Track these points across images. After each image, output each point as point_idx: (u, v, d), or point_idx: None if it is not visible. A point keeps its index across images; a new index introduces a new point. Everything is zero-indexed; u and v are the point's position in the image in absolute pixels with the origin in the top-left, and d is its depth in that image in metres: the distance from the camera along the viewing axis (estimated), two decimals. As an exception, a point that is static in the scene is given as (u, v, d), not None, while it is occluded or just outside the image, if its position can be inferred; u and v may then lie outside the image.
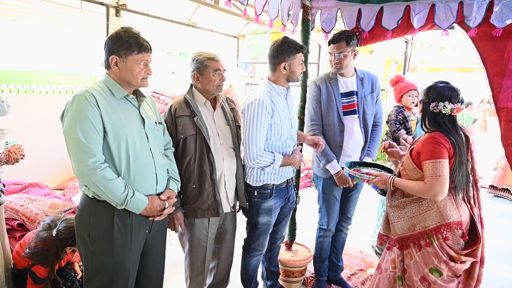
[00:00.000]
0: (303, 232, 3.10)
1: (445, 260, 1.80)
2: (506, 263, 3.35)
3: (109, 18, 4.65)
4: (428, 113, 1.87)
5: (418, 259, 1.86)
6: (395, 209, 1.95)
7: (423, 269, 1.84)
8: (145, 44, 1.63)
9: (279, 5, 2.49)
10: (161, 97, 4.59)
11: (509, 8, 2.08)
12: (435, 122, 1.85)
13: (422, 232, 1.84)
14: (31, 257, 2.18)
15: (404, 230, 1.91)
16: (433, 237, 1.82)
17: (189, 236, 2.13)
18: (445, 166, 1.75)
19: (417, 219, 1.87)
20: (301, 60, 2.12)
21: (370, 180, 1.99)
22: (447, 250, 1.81)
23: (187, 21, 6.11)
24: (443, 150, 1.76)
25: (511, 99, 2.21)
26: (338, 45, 2.35)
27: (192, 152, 2.00)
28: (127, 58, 1.61)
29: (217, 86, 2.04)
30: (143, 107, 1.74)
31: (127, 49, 1.59)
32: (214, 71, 2.00)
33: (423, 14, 2.35)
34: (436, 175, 1.74)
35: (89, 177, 1.52)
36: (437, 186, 1.74)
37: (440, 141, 1.78)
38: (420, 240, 1.86)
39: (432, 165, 1.76)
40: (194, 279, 2.20)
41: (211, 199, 2.04)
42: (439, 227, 1.81)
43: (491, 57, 2.23)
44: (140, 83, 1.67)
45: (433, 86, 1.87)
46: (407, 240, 1.91)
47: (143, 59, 1.63)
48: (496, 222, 4.36)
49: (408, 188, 1.87)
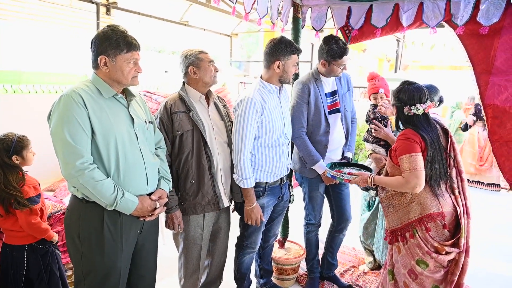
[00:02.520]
0: (295, 230, 3.12)
1: (428, 251, 1.86)
2: (490, 254, 3.39)
3: (100, 16, 4.62)
4: (401, 116, 1.96)
5: (405, 252, 1.93)
6: (385, 203, 2.03)
7: (410, 261, 1.91)
8: (134, 42, 1.62)
9: (268, 3, 2.49)
10: (153, 96, 4.56)
11: (495, 7, 2.11)
12: (407, 122, 1.94)
13: (407, 224, 1.92)
14: None
15: (394, 223, 1.99)
16: (416, 228, 1.89)
17: (184, 234, 2.13)
18: (419, 159, 1.83)
19: (402, 212, 1.95)
20: (295, 62, 2.14)
21: (352, 180, 2.08)
22: (430, 241, 1.87)
23: (179, 19, 6.09)
24: (414, 145, 1.85)
25: (497, 96, 2.24)
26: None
27: (190, 147, 2.01)
28: (116, 57, 1.59)
29: (213, 77, 2.08)
30: (132, 106, 1.73)
31: (116, 48, 1.57)
32: (209, 62, 2.04)
33: (411, 12, 2.37)
34: (411, 168, 1.82)
35: (77, 179, 1.50)
36: (413, 179, 1.81)
37: (410, 137, 1.87)
38: (406, 232, 1.93)
39: (406, 159, 1.84)
40: (188, 277, 2.20)
41: (211, 193, 2.05)
42: (421, 218, 1.89)
43: (477, 55, 2.26)
44: (131, 82, 1.66)
45: (402, 89, 1.94)
46: (396, 233, 1.98)
47: (133, 57, 1.62)
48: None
49: (387, 184, 1.96)
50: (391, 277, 2.01)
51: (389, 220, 2.02)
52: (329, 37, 2.32)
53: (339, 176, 2.11)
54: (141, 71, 1.68)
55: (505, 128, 2.27)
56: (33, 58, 3.87)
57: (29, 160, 2.11)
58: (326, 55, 2.30)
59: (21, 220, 2.03)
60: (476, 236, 3.81)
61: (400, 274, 1.96)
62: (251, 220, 2.17)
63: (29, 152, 2.11)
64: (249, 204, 2.14)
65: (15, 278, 2.11)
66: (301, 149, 2.43)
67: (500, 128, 2.29)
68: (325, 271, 2.85)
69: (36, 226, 2.05)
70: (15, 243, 2.11)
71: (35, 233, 2.09)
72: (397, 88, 1.97)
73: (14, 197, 1.98)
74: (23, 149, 2.07)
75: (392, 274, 2.02)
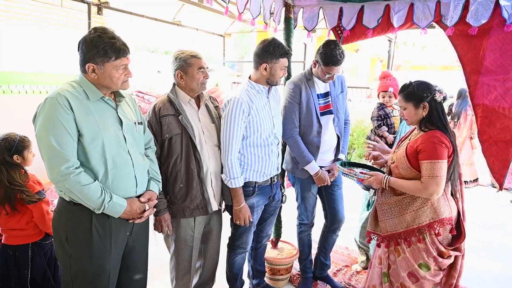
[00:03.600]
0: (288, 230, 3.12)
1: (435, 256, 1.84)
2: (479, 253, 3.43)
3: (91, 16, 4.59)
4: (434, 109, 1.85)
5: (408, 255, 1.88)
6: (386, 207, 1.97)
7: (412, 264, 1.87)
8: (123, 48, 1.57)
9: (261, 3, 2.49)
10: (145, 97, 4.54)
11: (484, 8, 2.13)
12: (439, 119, 1.85)
13: (415, 229, 1.86)
14: None
15: (396, 227, 1.93)
16: (425, 233, 1.84)
17: (175, 236, 2.12)
18: (444, 167, 1.77)
19: (410, 216, 1.88)
20: (284, 66, 2.12)
21: (365, 180, 2.00)
22: (437, 245, 1.85)
23: (172, 19, 6.07)
24: (444, 150, 1.77)
25: (486, 95, 2.26)
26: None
27: (178, 151, 1.99)
28: (105, 65, 1.55)
29: (201, 84, 2.03)
30: (121, 107, 1.70)
31: (104, 56, 1.53)
32: (198, 69, 1.99)
33: (402, 13, 2.39)
34: (433, 175, 1.76)
35: (63, 183, 1.48)
36: (433, 186, 1.76)
37: (442, 141, 1.78)
38: (412, 236, 1.88)
39: (430, 165, 1.76)
40: (180, 279, 2.19)
41: (200, 197, 2.03)
42: (432, 223, 1.84)
43: (467, 55, 2.28)
44: (121, 87, 1.64)
45: (420, 85, 1.86)
46: (397, 237, 1.92)
47: (122, 63, 1.58)
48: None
49: (403, 187, 1.87)
50: (386, 279, 1.99)
51: (389, 224, 1.94)
52: (329, 42, 2.30)
53: (351, 175, 2.04)
54: (131, 75, 1.64)
55: (494, 128, 2.30)
56: (24, 58, 3.83)
57: (29, 160, 2.13)
58: (319, 56, 2.31)
59: (37, 214, 2.07)
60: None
61: (397, 276, 1.93)
62: (239, 220, 2.17)
63: (29, 153, 2.13)
64: (237, 204, 2.14)
65: (20, 278, 2.12)
66: (293, 149, 2.43)
67: (489, 128, 2.31)
68: (318, 271, 2.86)
69: (50, 217, 2.06)
70: (17, 243, 2.12)
71: (48, 226, 2.10)
72: (409, 90, 1.88)
73: (23, 193, 2.02)
74: (24, 149, 2.10)
75: (387, 276, 1.99)
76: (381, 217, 1.99)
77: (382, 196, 1.99)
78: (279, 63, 2.09)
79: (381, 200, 1.99)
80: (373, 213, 2.08)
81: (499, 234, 3.87)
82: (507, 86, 2.23)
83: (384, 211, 1.97)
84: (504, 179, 2.35)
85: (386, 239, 1.97)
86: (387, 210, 1.96)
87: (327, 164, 2.54)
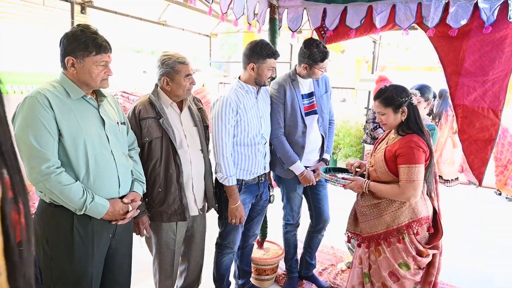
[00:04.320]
0: (274, 230, 3.13)
1: (414, 255, 1.87)
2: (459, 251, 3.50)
3: (74, 15, 4.51)
4: (411, 113, 1.86)
5: (388, 254, 1.91)
6: (365, 209, 2.00)
7: (393, 264, 1.90)
8: (104, 45, 1.55)
9: (244, 4, 2.50)
10: (130, 97, 4.49)
11: (463, 10, 2.18)
12: (416, 122, 1.86)
13: (394, 229, 1.89)
14: None
15: (376, 229, 1.96)
16: (404, 233, 1.87)
17: (157, 239, 2.09)
18: (421, 171, 1.79)
19: (389, 217, 1.90)
20: (271, 66, 2.13)
21: (347, 185, 2.05)
22: (416, 244, 1.88)
23: (157, 19, 6.01)
24: (422, 155, 1.80)
25: (466, 96, 2.32)
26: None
27: (158, 155, 1.94)
28: (84, 59, 1.53)
29: (187, 90, 1.99)
30: (103, 107, 1.68)
31: (84, 50, 1.51)
32: (186, 76, 1.93)
33: (384, 14, 2.42)
34: (411, 180, 1.78)
35: (43, 183, 1.45)
36: (410, 190, 1.79)
37: (420, 145, 1.80)
38: (391, 237, 1.90)
39: (408, 170, 1.79)
40: (162, 283, 2.16)
41: (178, 203, 2.00)
42: (410, 223, 1.87)
43: (447, 56, 2.33)
44: (100, 85, 1.60)
45: (396, 89, 1.87)
46: (377, 238, 1.95)
47: (102, 60, 1.56)
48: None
49: (382, 191, 1.91)
50: (368, 279, 2.01)
51: (369, 226, 1.98)
52: (310, 41, 2.33)
53: (333, 181, 2.10)
54: (111, 73, 1.62)
55: (474, 128, 2.35)
56: (4, 57, 3.74)
57: None
58: (308, 59, 2.32)
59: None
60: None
61: (378, 276, 1.96)
62: (235, 218, 2.18)
63: None
64: (234, 202, 2.15)
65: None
66: (278, 149, 2.44)
67: (469, 128, 2.37)
68: (304, 270, 2.87)
69: None
70: None
71: None
72: (387, 95, 1.87)
73: None
74: None
75: (368, 276, 2.01)
76: (360, 219, 2.03)
77: (361, 200, 2.04)
78: (266, 63, 2.11)
79: (361, 203, 2.03)
80: (353, 214, 2.11)
81: (478, 231, 3.96)
82: (486, 87, 2.29)
83: (364, 213, 2.01)
84: (483, 176, 2.41)
85: (367, 239, 2.00)
86: (366, 212, 2.00)
87: (312, 164, 2.55)
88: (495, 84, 2.24)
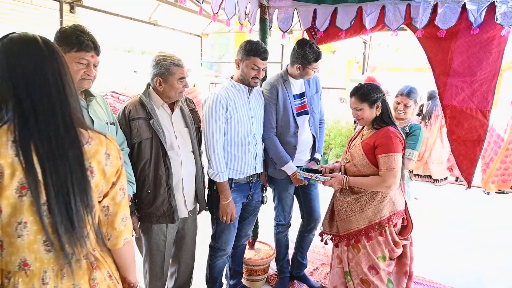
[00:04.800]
0: (265, 230, 3.13)
1: (392, 247, 1.96)
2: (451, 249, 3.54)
3: (63, 14, 4.46)
4: (385, 109, 1.99)
5: (368, 249, 1.97)
6: (346, 205, 2.05)
7: (373, 258, 1.97)
8: (87, 43, 1.52)
9: (236, 4, 2.49)
10: (121, 97, 4.46)
11: (451, 11, 2.21)
12: (389, 117, 1.99)
13: (377, 223, 1.95)
14: None
15: (357, 224, 2.00)
16: (386, 226, 1.95)
17: (147, 241, 2.07)
18: (399, 160, 1.89)
19: (372, 211, 1.96)
20: (253, 64, 2.12)
21: (327, 182, 2.07)
22: (393, 236, 1.96)
23: (148, 19, 5.98)
24: (399, 144, 1.89)
25: (455, 97, 2.35)
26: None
27: (148, 156, 1.92)
28: (66, 54, 1.49)
29: (180, 93, 1.97)
30: (92, 107, 1.66)
31: (67, 45, 1.49)
32: (179, 79, 1.91)
33: (374, 15, 2.44)
34: (390, 168, 1.86)
35: None
36: (391, 178, 1.86)
37: (397, 135, 1.91)
38: (372, 231, 1.96)
39: (388, 158, 1.87)
40: (152, 285, 2.14)
41: (166, 205, 1.97)
42: (391, 216, 1.95)
43: (436, 57, 2.36)
44: (78, 85, 1.54)
45: (371, 87, 1.98)
46: (357, 234, 2.00)
47: (82, 57, 1.52)
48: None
49: (362, 184, 1.97)
50: (349, 277, 2.04)
51: (350, 222, 2.02)
52: (303, 41, 2.34)
53: (313, 178, 2.10)
54: (91, 74, 1.57)
55: (462, 128, 2.38)
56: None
57: None
58: (301, 59, 2.32)
59: None
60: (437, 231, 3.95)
61: (356, 273, 2.01)
62: (226, 215, 2.18)
63: None
64: (225, 199, 2.15)
65: None
66: (271, 149, 2.43)
67: (458, 128, 2.40)
68: (295, 270, 2.87)
69: None
70: None
71: None
72: (363, 91, 1.98)
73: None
74: None
75: (349, 275, 2.05)
76: (341, 216, 2.06)
77: (341, 196, 2.08)
78: (249, 60, 2.11)
79: (341, 200, 2.07)
80: (329, 214, 2.15)
81: (468, 231, 4.01)
82: (474, 87, 2.32)
83: (344, 210, 2.05)
84: (472, 177, 2.44)
85: (345, 237, 2.04)
86: (347, 209, 2.04)
87: (303, 164, 2.56)
88: (483, 85, 2.27)
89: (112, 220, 1.14)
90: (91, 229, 1.07)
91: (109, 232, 1.15)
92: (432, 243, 3.62)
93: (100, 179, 1.06)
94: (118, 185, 1.13)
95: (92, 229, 1.08)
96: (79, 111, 1.06)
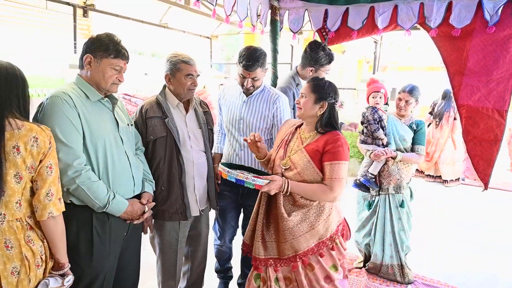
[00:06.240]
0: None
1: (343, 254, 1.82)
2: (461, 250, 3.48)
3: (76, 18, 4.53)
4: (332, 113, 1.78)
5: (322, 263, 1.77)
6: (292, 224, 1.73)
7: (326, 269, 1.77)
8: (123, 52, 1.63)
9: (247, 6, 2.50)
10: (132, 99, 4.49)
11: (466, 9, 2.17)
12: (335, 121, 1.79)
13: (328, 239, 1.76)
14: None
15: (307, 243, 1.73)
16: (337, 239, 1.79)
17: (160, 239, 2.10)
18: (347, 169, 1.71)
19: (322, 227, 1.74)
20: (240, 73, 2.12)
21: (264, 185, 1.66)
22: (343, 245, 1.84)
23: (159, 22, 6.04)
24: (348, 152, 1.71)
25: (470, 96, 2.31)
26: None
27: (162, 154, 1.98)
28: (102, 60, 1.59)
29: (188, 90, 2.00)
30: (116, 110, 1.73)
31: (104, 51, 1.58)
32: (186, 75, 1.97)
33: (386, 15, 2.42)
34: (338, 177, 1.66)
35: (74, 179, 1.48)
36: (338, 188, 1.67)
37: (346, 142, 1.72)
38: (324, 247, 1.76)
39: (337, 167, 1.67)
40: (165, 283, 2.17)
41: (179, 202, 2.01)
42: (338, 227, 1.81)
43: (451, 56, 2.32)
44: (109, 87, 1.64)
45: (330, 86, 1.79)
46: (306, 254, 1.74)
47: (118, 64, 1.62)
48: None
49: (306, 191, 1.71)
50: None
51: (298, 243, 1.72)
52: (315, 44, 2.35)
53: (248, 181, 1.66)
54: (122, 80, 1.67)
55: (478, 128, 2.34)
56: (8, 61, 3.75)
57: None
58: (314, 62, 2.33)
59: None
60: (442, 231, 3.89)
61: (317, 285, 1.78)
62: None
63: None
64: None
65: None
66: None
67: (473, 128, 2.36)
68: None
69: None
70: None
71: None
72: (319, 83, 1.78)
73: None
74: None
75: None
76: (285, 238, 1.73)
77: (286, 213, 1.75)
78: (238, 67, 2.16)
79: (287, 218, 1.73)
80: (260, 235, 1.81)
81: (479, 231, 3.93)
82: (490, 87, 2.27)
83: (291, 230, 1.72)
84: (488, 178, 2.39)
85: (293, 260, 1.75)
86: (293, 228, 1.72)
87: None
88: (500, 84, 2.23)
89: (38, 193, 1.34)
90: (22, 198, 1.31)
91: (36, 204, 1.34)
92: (443, 244, 3.57)
93: (27, 156, 1.29)
94: (45, 163, 1.33)
95: (24, 199, 1.32)
96: (17, 104, 1.33)
